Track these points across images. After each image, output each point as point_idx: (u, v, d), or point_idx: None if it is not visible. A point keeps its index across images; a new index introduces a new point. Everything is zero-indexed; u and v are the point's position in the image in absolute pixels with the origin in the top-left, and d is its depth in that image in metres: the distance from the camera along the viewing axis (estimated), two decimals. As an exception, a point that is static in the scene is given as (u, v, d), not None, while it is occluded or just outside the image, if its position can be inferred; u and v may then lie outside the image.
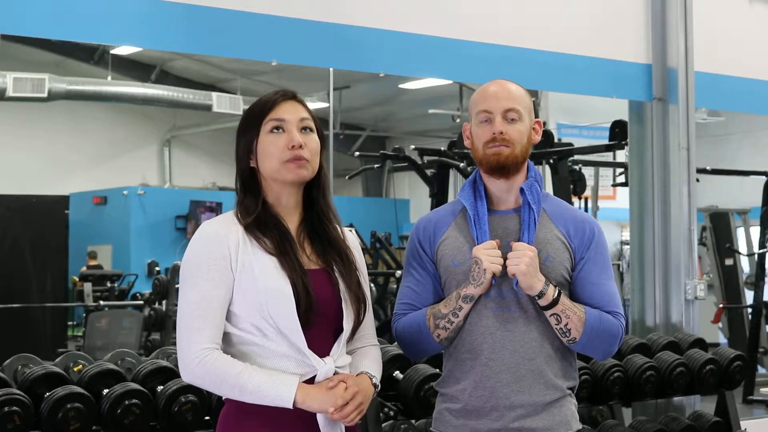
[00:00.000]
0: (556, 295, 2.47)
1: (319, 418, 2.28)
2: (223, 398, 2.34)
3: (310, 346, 2.28)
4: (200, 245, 2.31)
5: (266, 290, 2.26)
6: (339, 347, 2.33)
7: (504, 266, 2.47)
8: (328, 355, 2.31)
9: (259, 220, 2.34)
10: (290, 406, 2.23)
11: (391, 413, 3.94)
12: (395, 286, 9.06)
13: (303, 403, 2.24)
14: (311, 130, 2.39)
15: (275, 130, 2.35)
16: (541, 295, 2.46)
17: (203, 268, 2.28)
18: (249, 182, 2.39)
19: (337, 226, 2.45)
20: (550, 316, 2.49)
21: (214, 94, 14.93)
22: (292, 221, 2.39)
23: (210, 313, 2.27)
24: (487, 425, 2.50)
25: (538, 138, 2.63)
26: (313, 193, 2.42)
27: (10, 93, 12.30)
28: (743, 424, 5.03)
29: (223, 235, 2.30)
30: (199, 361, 2.25)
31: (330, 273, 2.37)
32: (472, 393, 2.51)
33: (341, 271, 2.38)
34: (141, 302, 9.98)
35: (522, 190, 2.56)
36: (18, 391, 3.22)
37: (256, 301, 2.26)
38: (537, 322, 2.51)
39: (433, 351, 2.62)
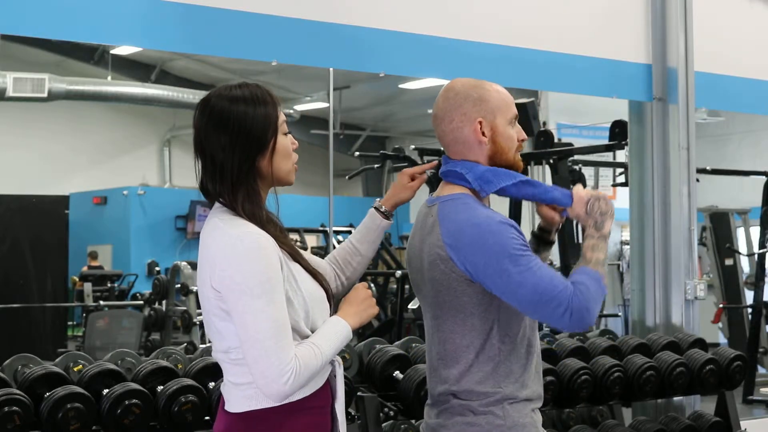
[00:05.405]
0: None
1: (337, 406, 2.31)
2: (227, 408, 2.28)
3: None
4: (263, 257, 2.17)
5: (311, 298, 2.26)
6: None
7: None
8: None
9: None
10: (350, 332, 2.29)
11: (391, 413, 3.94)
12: (395, 286, 9.03)
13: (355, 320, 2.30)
14: None
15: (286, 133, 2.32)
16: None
17: (275, 282, 2.17)
18: (251, 183, 2.25)
19: None
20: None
21: (214, 94, 14.91)
22: None
23: (289, 330, 2.18)
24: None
25: None
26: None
27: (10, 93, 12.31)
28: (743, 424, 5.02)
29: (273, 246, 2.20)
30: (295, 376, 2.15)
31: (317, 273, 2.36)
32: (536, 384, 2.55)
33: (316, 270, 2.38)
34: (141, 302, 10.00)
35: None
36: (18, 391, 3.22)
37: (302, 309, 2.24)
38: None
39: None
